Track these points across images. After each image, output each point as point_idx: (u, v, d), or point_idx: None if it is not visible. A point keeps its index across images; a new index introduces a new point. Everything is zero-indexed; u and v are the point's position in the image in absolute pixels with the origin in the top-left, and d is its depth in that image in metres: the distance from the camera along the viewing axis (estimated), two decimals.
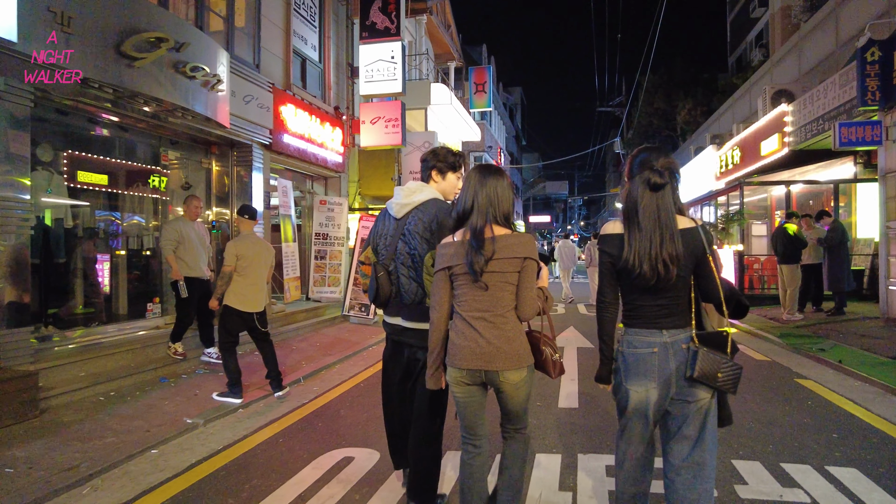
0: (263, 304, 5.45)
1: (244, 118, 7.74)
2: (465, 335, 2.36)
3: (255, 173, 8.29)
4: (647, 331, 2.19)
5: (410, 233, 2.82)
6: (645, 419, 2.22)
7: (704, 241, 2.14)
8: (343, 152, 10.79)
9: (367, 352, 7.77)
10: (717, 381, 2.12)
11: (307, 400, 5.39)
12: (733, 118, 19.29)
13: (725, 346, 2.18)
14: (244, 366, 5.60)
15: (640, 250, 2.12)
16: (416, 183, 2.97)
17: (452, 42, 22.45)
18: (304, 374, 6.33)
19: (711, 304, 2.24)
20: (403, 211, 2.90)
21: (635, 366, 2.19)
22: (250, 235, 5.44)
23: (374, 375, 6.38)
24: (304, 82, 10.01)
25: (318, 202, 10.40)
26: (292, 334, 8.56)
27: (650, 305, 2.18)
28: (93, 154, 6.55)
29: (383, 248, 2.95)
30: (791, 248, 9.21)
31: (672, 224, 2.12)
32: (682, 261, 2.11)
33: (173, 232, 6.21)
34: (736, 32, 33.99)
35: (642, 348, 2.18)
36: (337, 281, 10.47)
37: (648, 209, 2.14)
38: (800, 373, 6.04)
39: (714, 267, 2.15)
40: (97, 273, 7.19)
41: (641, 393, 2.18)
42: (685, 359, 2.14)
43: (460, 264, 2.35)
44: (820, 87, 10.26)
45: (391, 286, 2.91)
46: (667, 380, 2.15)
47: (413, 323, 2.84)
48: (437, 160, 2.97)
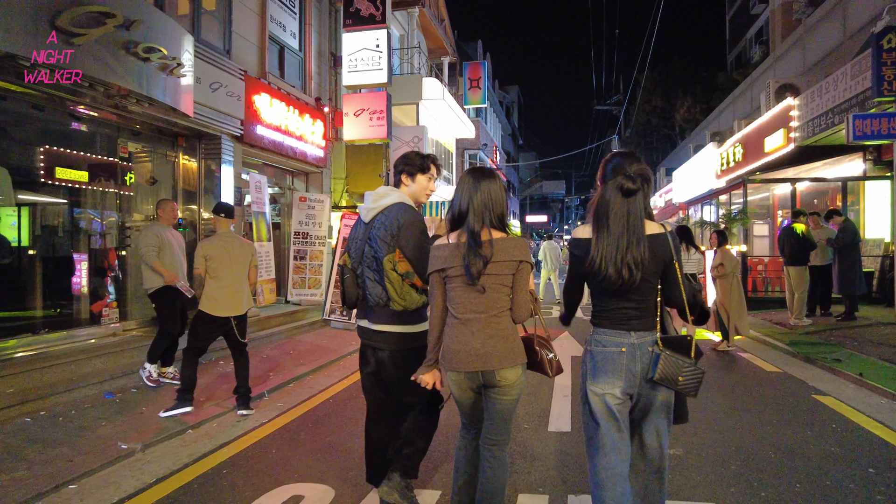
0: (243, 307, 4.92)
1: (211, 107, 7.13)
2: (458, 339, 2.38)
3: (225, 167, 7.69)
4: (616, 331, 2.24)
5: (374, 237, 2.84)
6: (614, 420, 2.22)
7: (672, 247, 2.20)
8: (325, 146, 10.18)
9: (345, 360, 7.17)
10: (678, 384, 2.16)
11: (266, 419, 4.79)
12: (734, 115, 18.77)
13: (689, 350, 2.21)
14: (210, 377, 5.02)
15: (606, 254, 2.15)
16: (385, 188, 2.97)
17: (446, 36, 21.84)
18: (269, 388, 5.74)
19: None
20: (370, 215, 2.91)
21: (603, 364, 2.23)
22: (223, 234, 4.92)
23: (346, 389, 5.79)
24: (281, 71, 9.41)
25: (298, 199, 9.80)
26: (265, 341, 7.96)
27: (618, 308, 2.24)
28: (41, 145, 5.94)
29: (353, 252, 2.98)
30: (799, 249, 8.65)
31: (640, 229, 2.16)
32: (648, 265, 2.15)
33: (153, 237, 5.52)
34: (735, 30, 33.52)
35: (611, 347, 2.23)
36: (318, 283, 9.87)
37: (619, 214, 2.17)
38: (817, 387, 5.46)
39: (679, 273, 2.21)
40: (50, 274, 6.61)
41: (606, 391, 2.21)
42: (648, 361, 2.19)
43: (455, 266, 2.35)
44: (829, 79, 9.70)
45: (357, 289, 2.92)
46: (631, 380, 2.20)
47: (378, 325, 2.85)
48: (406, 164, 2.99)
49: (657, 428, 2.27)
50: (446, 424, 3.89)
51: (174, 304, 5.63)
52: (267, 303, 8.47)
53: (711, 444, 3.97)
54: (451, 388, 2.50)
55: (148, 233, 5.55)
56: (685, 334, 2.29)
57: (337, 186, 12.40)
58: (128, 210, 7.23)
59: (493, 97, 34.16)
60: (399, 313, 2.79)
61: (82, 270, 6.55)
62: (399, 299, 2.77)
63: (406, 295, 2.78)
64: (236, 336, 4.86)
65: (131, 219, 7.31)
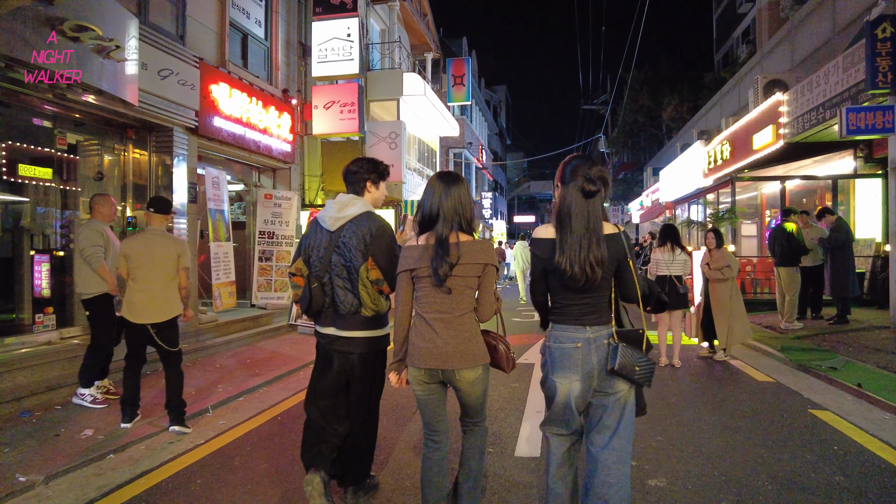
0: (164, 314, 4.37)
1: (160, 96, 6.56)
2: (423, 336, 2.45)
3: (178, 161, 7.12)
4: (573, 327, 2.32)
5: (346, 245, 2.86)
6: (569, 409, 2.32)
7: (626, 246, 2.29)
8: (292, 141, 9.61)
9: (305, 370, 6.62)
10: (635, 374, 2.24)
11: (202, 440, 4.25)
12: (721, 113, 18.45)
13: (641, 342, 2.32)
14: (155, 391, 4.42)
15: (570, 254, 2.23)
16: (347, 196, 2.98)
17: (429, 32, 21.34)
18: (215, 402, 5.20)
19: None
20: (337, 224, 2.91)
21: (561, 359, 2.32)
22: (148, 231, 4.38)
23: (299, 404, 5.24)
24: (244, 61, 8.84)
25: (263, 196, 9.24)
26: (222, 348, 7.40)
27: (576, 304, 2.32)
28: None
29: (316, 260, 2.95)
30: (790, 249, 8.24)
31: (599, 229, 2.25)
32: (607, 264, 2.25)
33: (97, 236, 4.91)
34: (722, 29, 33.31)
35: (567, 343, 2.31)
36: (284, 285, 9.31)
37: (580, 215, 2.25)
38: (813, 400, 5.01)
39: (633, 270, 2.30)
40: None
41: (565, 384, 2.31)
42: (606, 353, 2.28)
43: (424, 267, 2.43)
44: (820, 73, 9.30)
45: (324, 297, 2.93)
46: (589, 372, 2.28)
47: (348, 332, 2.90)
48: (374, 171, 3.03)
49: (621, 426, 2.31)
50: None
51: (113, 313, 5.06)
52: (226, 307, 7.90)
53: (699, 472, 3.48)
54: (413, 387, 2.54)
55: (92, 231, 4.94)
56: (638, 328, 2.36)
57: (312, 184, 11.86)
58: (75, 207, 6.63)
59: (478, 95, 33.67)
60: (368, 319, 2.90)
61: (22, 272, 5.96)
62: (372, 305, 2.89)
63: (377, 301, 2.91)
64: (161, 345, 4.32)
65: (77, 216, 6.72)
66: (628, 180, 39.21)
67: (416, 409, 4.34)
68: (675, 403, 4.99)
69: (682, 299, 6.38)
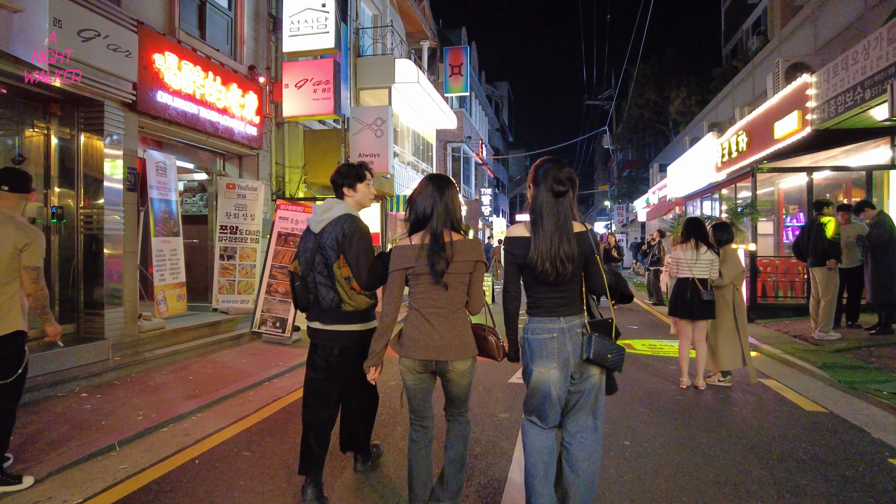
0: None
1: (83, 62, 5.48)
2: (419, 329, 2.60)
3: (111, 141, 6.04)
4: (548, 318, 2.50)
5: (325, 246, 3.08)
6: (549, 396, 2.49)
7: (592, 243, 2.48)
8: (259, 123, 8.51)
9: (257, 390, 5.55)
10: (608, 360, 2.44)
11: (80, 499, 3.18)
12: (734, 104, 17.36)
13: (611, 330, 2.52)
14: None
15: (542, 250, 2.42)
16: (331, 199, 3.21)
17: (424, 18, 20.22)
18: (127, 436, 4.12)
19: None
20: (319, 227, 3.12)
21: (538, 349, 2.50)
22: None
23: (231, 439, 4.17)
24: (201, 31, 7.75)
25: (226, 186, 8.16)
26: (164, 361, 6.32)
27: (549, 297, 2.51)
28: None
29: (303, 260, 3.17)
30: (829, 248, 7.15)
31: (569, 227, 2.45)
32: (576, 259, 2.44)
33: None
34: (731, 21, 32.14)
35: (543, 334, 2.50)
36: (249, 287, 8.24)
37: (552, 214, 2.45)
38: (885, 441, 3.91)
39: (600, 264, 2.50)
40: None
41: (544, 372, 2.48)
42: (580, 342, 2.46)
43: (421, 265, 2.56)
44: (857, 48, 8.18)
45: (308, 294, 3.14)
46: (565, 360, 2.46)
47: (330, 325, 3.11)
48: (343, 178, 3.19)
49: (595, 406, 2.53)
50: None
51: None
52: (173, 313, 6.82)
53: None
54: (403, 376, 2.68)
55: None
56: (608, 318, 2.55)
57: (293, 176, 10.79)
58: None
59: (478, 88, 32.55)
60: (350, 314, 3.06)
61: None
62: (350, 301, 3.04)
63: (354, 297, 3.04)
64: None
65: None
66: (633, 178, 38.10)
67: None
68: (707, 445, 3.89)
69: (707, 307, 5.28)
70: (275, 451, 3.89)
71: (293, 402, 5.11)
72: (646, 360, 6.73)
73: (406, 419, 3.44)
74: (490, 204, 30.90)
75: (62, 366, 5.30)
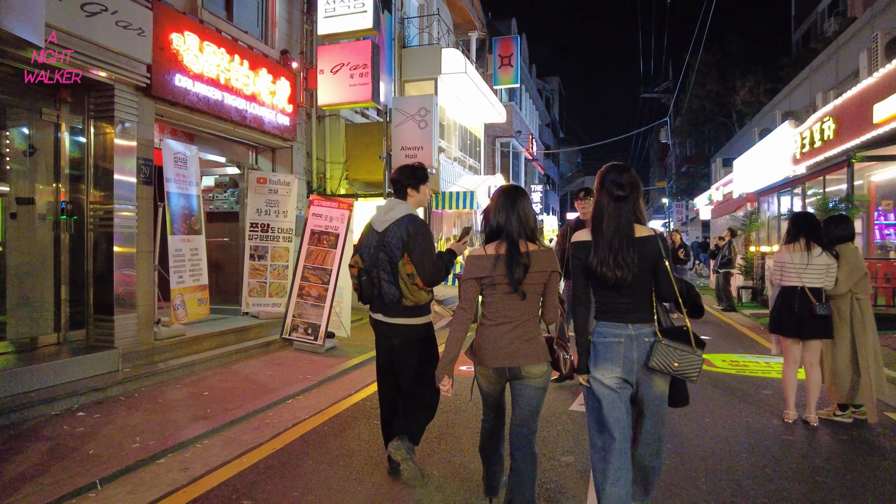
0: None
1: (88, 40, 4.91)
2: (489, 338, 2.64)
3: (122, 129, 5.47)
4: (615, 324, 2.50)
5: (390, 244, 3.28)
6: (616, 397, 2.46)
7: (661, 247, 2.44)
8: (292, 112, 7.86)
9: (279, 409, 4.84)
10: (674, 369, 2.40)
11: None
12: (811, 89, 15.76)
13: (688, 338, 2.44)
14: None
15: (601, 254, 2.45)
16: (392, 200, 3.40)
17: (473, 8, 19.36)
18: (112, 471, 3.47)
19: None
20: (384, 226, 3.32)
21: (604, 352, 2.49)
22: None
23: (242, 474, 3.45)
24: (228, 12, 7.15)
25: (256, 181, 7.54)
26: (181, 373, 5.71)
27: (616, 302, 2.50)
28: None
29: (367, 257, 3.38)
30: None
31: (629, 231, 2.44)
32: (638, 264, 2.41)
33: None
34: (803, 4, 29.89)
35: (611, 338, 2.48)
36: (281, 289, 7.61)
37: (611, 218, 2.47)
38: None
39: (670, 271, 2.41)
40: None
41: (607, 376, 2.46)
42: (647, 351, 2.44)
43: (498, 275, 2.58)
44: None
45: (372, 288, 3.37)
46: (630, 367, 2.45)
47: (392, 318, 3.33)
48: (408, 178, 3.39)
49: (655, 414, 2.51)
50: None
51: None
52: (193, 318, 6.22)
53: None
54: (478, 381, 2.76)
55: None
56: (682, 325, 2.49)
57: (335, 172, 10.19)
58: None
59: (528, 81, 31.42)
60: (410, 308, 3.29)
61: None
62: (410, 296, 3.25)
63: (415, 293, 3.26)
64: None
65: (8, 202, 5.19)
66: (692, 174, 36.10)
67: None
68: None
69: (821, 324, 4.21)
70: (280, 502, 3.14)
71: (314, 428, 4.37)
72: (731, 382, 5.68)
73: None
74: (541, 201, 29.72)
75: (61, 379, 4.73)
